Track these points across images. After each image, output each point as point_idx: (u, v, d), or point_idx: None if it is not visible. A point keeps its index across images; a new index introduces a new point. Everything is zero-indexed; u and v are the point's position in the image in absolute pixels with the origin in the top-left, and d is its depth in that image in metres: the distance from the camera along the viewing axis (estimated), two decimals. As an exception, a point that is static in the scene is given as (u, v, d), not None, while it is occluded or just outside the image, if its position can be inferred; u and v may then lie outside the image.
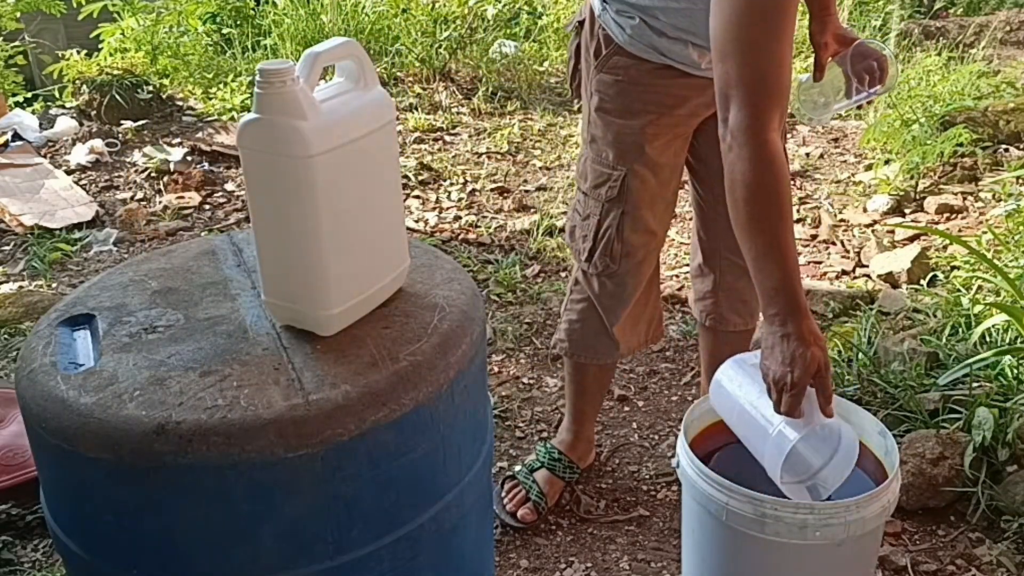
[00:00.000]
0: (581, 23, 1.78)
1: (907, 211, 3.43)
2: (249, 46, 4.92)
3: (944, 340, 2.33)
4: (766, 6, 1.32)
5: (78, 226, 3.40)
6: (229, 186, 3.75)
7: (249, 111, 1.05)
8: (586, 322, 1.91)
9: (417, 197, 3.66)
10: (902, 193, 3.49)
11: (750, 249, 1.36)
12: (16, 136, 3.94)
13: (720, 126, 1.37)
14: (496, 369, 2.58)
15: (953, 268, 2.89)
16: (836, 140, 4.23)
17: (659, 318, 1.98)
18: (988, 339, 2.30)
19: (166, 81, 4.56)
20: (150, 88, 4.30)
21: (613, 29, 1.68)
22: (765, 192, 1.34)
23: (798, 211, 3.47)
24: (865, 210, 3.46)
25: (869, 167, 3.83)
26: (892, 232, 3.24)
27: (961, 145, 3.58)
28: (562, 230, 3.28)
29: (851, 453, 1.40)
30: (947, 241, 3.03)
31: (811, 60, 1.80)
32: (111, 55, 4.58)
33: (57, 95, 4.44)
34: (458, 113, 4.54)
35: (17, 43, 4.86)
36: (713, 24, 1.36)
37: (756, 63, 1.33)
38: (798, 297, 1.33)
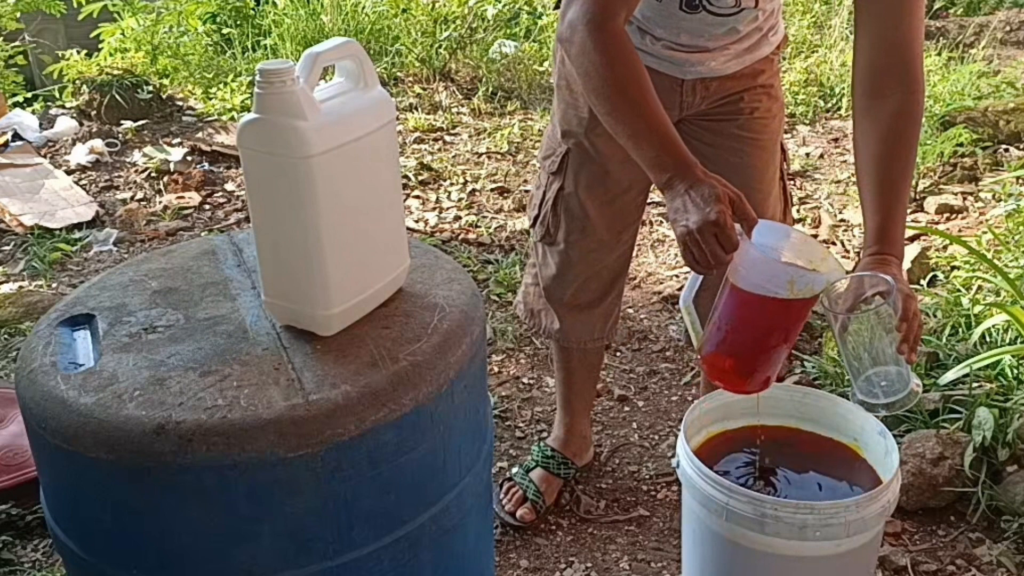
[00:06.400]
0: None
1: (907, 211, 3.43)
2: (249, 46, 4.92)
3: (944, 340, 2.33)
4: None
5: (78, 226, 3.40)
6: (229, 186, 3.75)
7: (249, 111, 1.05)
8: (534, 288, 1.95)
9: (417, 197, 3.66)
10: (902, 193, 3.49)
11: (620, 134, 1.33)
12: (16, 136, 3.94)
13: (559, 24, 1.33)
14: (496, 369, 2.58)
15: (953, 268, 2.88)
16: (836, 140, 4.22)
17: (615, 319, 1.97)
18: (988, 339, 2.30)
19: (166, 81, 4.56)
20: (150, 88, 4.29)
21: None
22: (621, 77, 1.30)
23: (798, 211, 3.47)
24: (865, 210, 3.46)
25: (869, 167, 3.82)
26: (892, 232, 3.24)
27: (961, 145, 3.57)
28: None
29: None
30: (947, 241, 3.03)
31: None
32: (111, 55, 4.58)
33: (57, 95, 4.44)
34: (458, 113, 4.53)
35: (17, 43, 4.85)
36: None
37: None
38: (683, 155, 1.30)
